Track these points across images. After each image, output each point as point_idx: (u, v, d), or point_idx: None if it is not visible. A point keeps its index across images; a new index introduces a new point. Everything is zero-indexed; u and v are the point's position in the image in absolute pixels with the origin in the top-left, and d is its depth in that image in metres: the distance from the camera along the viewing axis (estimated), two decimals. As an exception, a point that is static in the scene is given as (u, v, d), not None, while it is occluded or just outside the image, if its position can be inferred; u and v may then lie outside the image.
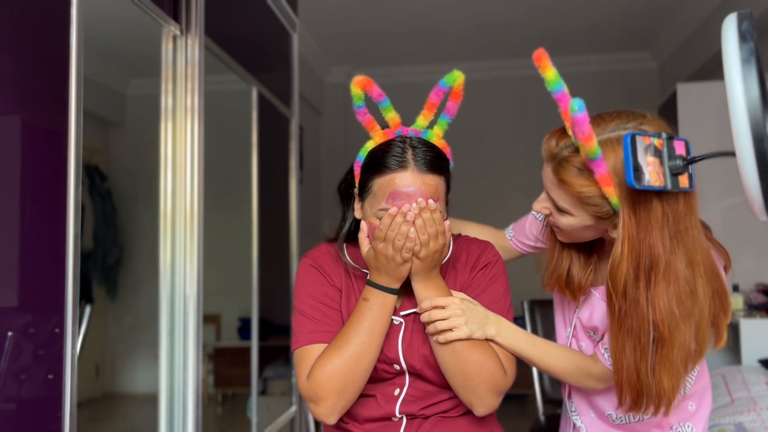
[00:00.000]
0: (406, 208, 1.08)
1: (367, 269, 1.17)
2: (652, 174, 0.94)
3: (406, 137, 1.14)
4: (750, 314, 3.18)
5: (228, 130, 3.09)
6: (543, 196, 1.16)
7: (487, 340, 1.15)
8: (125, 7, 1.66)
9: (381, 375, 1.17)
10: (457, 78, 1.13)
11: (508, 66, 5.27)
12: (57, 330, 1.26)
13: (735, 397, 2.58)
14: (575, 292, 1.25)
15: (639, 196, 1.00)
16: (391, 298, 1.13)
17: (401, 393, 1.18)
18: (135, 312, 4.67)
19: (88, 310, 2.24)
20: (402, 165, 1.10)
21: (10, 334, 1.15)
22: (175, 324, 1.89)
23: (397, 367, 1.17)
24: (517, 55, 5.03)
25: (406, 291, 1.18)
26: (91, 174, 4.53)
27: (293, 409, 2.93)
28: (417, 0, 4.06)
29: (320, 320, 1.18)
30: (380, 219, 1.11)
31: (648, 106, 5.31)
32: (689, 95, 3.63)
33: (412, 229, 1.08)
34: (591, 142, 0.96)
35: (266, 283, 2.71)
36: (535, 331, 2.57)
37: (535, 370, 2.39)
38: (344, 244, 1.25)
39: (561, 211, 1.12)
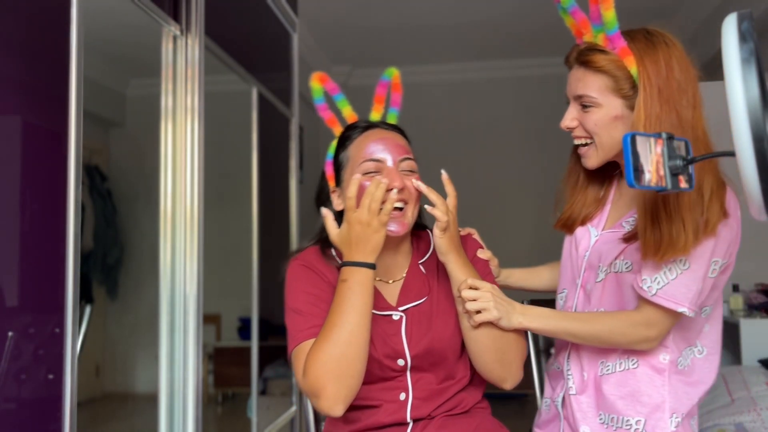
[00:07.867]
0: (378, 178, 1.13)
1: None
2: (653, 174, 0.94)
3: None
4: (750, 314, 3.17)
5: (228, 130, 3.09)
6: (568, 111, 1.24)
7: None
8: (125, 7, 1.66)
9: (387, 373, 1.17)
10: (393, 72, 1.31)
11: (507, 66, 5.27)
12: (57, 330, 1.26)
13: (735, 397, 2.58)
14: (571, 226, 1.35)
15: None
16: (370, 274, 1.10)
17: (408, 397, 1.18)
18: (135, 312, 4.67)
19: (88, 310, 2.24)
20: (370, 126, 1.23)
21: (10, 334, 1.15)
22: (175, 324, 1.89)
23: (401, 362, 1.17)
24: (516, 55, 5.03)
25: (401, 286, 1.21)
26: (91, 174, 4.52)
27: (293, 409, 2.93)
28: (417, 0, 4.06)
29: (314, 314, 1.15)
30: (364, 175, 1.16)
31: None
32: (689, 95, 3.62)
33: (393, 191, 1.12)
34: (609, 4, 1.14)
35: (266, 283, 2.71)
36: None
37: (534, 370, 2.39)
38: (327, 247, 1.27)
39: (588, 107, 1.18)
